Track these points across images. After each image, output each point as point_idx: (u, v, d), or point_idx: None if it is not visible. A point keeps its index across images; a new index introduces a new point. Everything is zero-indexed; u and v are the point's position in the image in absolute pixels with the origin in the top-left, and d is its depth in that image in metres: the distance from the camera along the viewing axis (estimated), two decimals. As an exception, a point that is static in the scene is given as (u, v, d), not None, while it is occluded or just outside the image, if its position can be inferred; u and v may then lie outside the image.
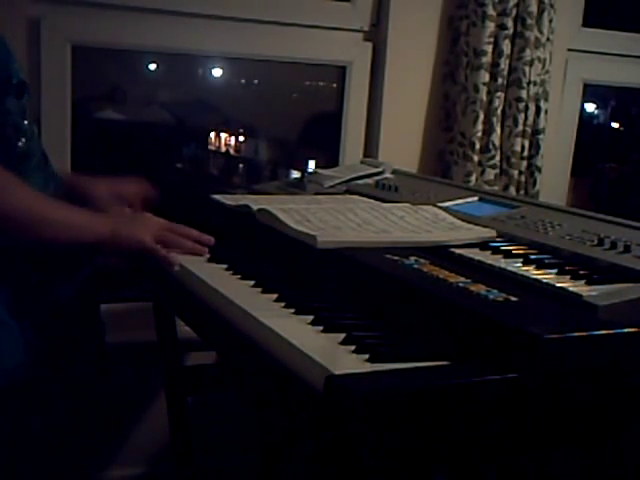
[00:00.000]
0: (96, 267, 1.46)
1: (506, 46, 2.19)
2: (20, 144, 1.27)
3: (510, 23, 2.18)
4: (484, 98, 2.19)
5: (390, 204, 1.58)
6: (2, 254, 1.25)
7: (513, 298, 1.03)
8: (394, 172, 1.93)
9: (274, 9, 2.16)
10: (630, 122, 3.44)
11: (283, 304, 1.12)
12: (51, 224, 1.24)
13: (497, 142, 2.24)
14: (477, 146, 2.21)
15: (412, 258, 1.21)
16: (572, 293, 1.05)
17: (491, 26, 2.16)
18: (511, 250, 1.27)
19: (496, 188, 2.23)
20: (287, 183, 1.91)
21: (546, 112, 2.29)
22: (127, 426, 2.18)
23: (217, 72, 2.42)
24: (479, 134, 2.21)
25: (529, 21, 2.19)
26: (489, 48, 2.17)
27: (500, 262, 1.21)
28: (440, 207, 1.55)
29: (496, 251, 1.28)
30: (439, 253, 1.27)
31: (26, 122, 1.29)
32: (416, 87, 2.29)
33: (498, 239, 1.36)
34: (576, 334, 0.92)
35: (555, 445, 0.96)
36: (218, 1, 2.10)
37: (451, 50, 2.26)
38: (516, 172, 2.27)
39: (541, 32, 2.22)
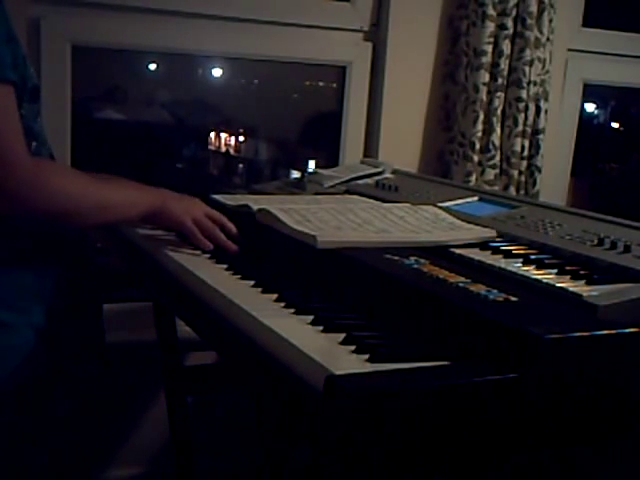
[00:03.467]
0: (96, 267, 1.46)
1: (506, 46, 2.19)
2: (31, 147, 1.27)
3: (510, 23, 2.18)
4: (484, 98, 2.19)
5: (390, 204, 1.58)
6: (13, 256, 1.25)
7: (513, 298, 1.03)
8: (394, 172, 1.93)
9: (274, 9, 2.16)
10: (630, 122, 3.45)
11: (283, 304, 1.12)
12: (113, 206, 1.30)
13: (497, 142, 2.24)
14: (477, 146, 2.21)
15: (412, 258, 1.21)
16: (572, 293, 1.05)
17: (491, 26, 2.16)
18: (511, 250, 1.27)
19: (496, 188, 2.23)
20: (287, 183, 1.91)
21: (546, 112, 2.29)
22: (127, 426, 2.18)
23: (217, 72, 2.42)
24: (479, 134, 2.21)
25: (529, 21, 2.19)
26: (489, 48, 2.17)
27: (500, 262, 1.21)
28: (440, 207, 1.55)
29: (496, 251, 1.28)
30: (439, 253, 1.27)
31: (37, 125, 1.29)
32: (416, 87, 2.29)
33: (498, 239, 1.36)
34: (576, 334, 0.92)
35: (555, 445, 0.96)
36: (218, 1, 2.11)
37: (451, 50, 2.26)
38: (516, 172, 2.27)
39: (541, 32, 2.22)
